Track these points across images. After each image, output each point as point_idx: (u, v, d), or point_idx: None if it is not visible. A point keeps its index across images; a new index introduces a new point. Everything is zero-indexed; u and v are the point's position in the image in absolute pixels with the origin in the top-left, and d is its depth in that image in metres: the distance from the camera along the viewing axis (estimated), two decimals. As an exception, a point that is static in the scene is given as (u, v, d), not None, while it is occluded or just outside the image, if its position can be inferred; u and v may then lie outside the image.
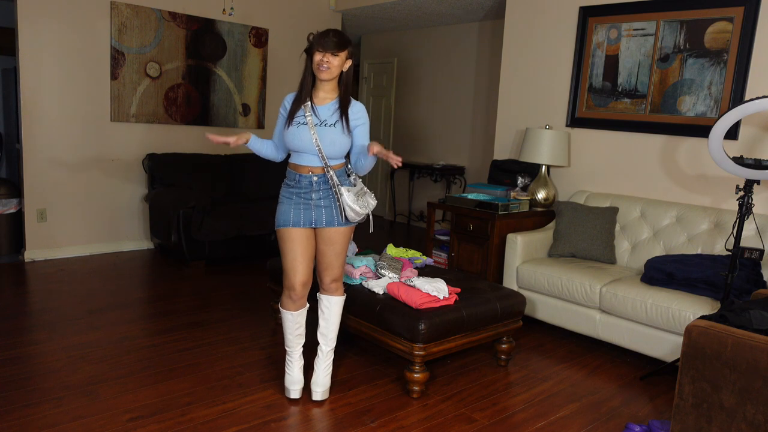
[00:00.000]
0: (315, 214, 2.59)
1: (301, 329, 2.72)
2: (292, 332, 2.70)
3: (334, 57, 2.49)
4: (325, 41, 2.47)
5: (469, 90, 6.69)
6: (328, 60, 2.48)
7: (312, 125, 2.52)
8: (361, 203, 2.57)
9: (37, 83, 4.71)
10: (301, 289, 2.63)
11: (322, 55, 2.48)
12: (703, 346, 1.94)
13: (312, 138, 2.52)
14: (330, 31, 2.51)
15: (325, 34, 2.49)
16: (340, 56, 2.50)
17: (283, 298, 2.70)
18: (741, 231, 2.98)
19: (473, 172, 6.67)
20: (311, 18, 6.24)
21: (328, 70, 2.50)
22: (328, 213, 2.59)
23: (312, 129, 2.52)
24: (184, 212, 4.65)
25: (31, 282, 4.33)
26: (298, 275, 2.61)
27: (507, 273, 3.91)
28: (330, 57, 2.48)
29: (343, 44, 2.49)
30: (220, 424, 2.48)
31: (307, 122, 2.53)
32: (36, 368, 2.90)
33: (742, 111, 2.84)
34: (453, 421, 2.63)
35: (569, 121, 4.48)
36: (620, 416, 2.77)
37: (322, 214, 2.59)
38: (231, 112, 5.84)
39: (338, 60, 2.50)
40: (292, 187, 2.61)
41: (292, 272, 2.62)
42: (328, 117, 2.55)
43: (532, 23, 4.71)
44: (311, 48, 2.51)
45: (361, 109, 2.63)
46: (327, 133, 2.53)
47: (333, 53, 2.48)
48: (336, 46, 2.47)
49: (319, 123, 2.54)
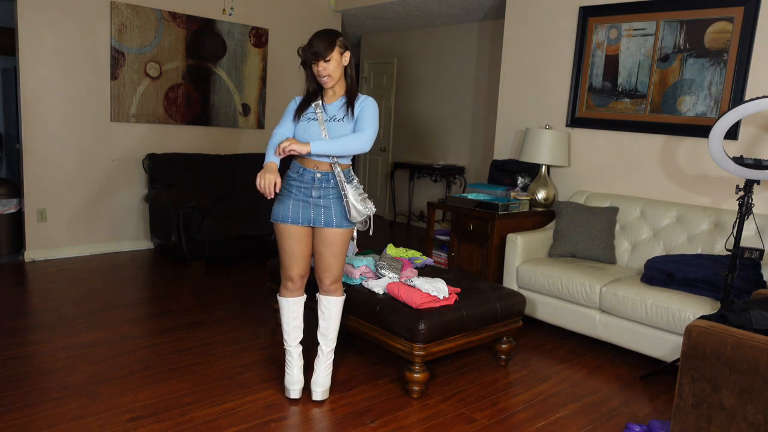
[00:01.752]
0: (314, 213, 2.58)
1: (297, 321, 2.72)
2: (289, 322, 2.71)
3: (328, 62, 2.48)
4: (312, 53, 2.46)
5: (469, 90, 6.69)
6: (324, 67, 2.48)
7: (322, 121, 2.54)
8: (364, 204, 2.57)
9: (37, 83, 4.71)
10: (298, 280, 2.69)
11: (316, 66, 2.49)
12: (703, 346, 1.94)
13: (321, 133, 2.52)
14: (312, 39, 2.49)
15: (309, 46, 2.47)
16: (332, 58, 2.48)
17: (280, 288, 2.74)
18: (741, 231, 2.98)
19: (473, 172, 6.67)
20: (311, 18, 6.24)
21: (330, 78, 2.51)
22: (327, 213, 2.58)
23: (322, 125, 2.53)
24: (184, 212, 4.65)
25: (31, 282, 4.33)
26: (295, 269, 2.66)
27: (507, 273, 3.91)
28: (324, 65, 2.48)
29: (329, 46, 2.47)
30: (220, 424, 2.48)
31: (317, 118, 2.55)
32: (36, 368, 2.90)
33: (742, 111, 2.84)
34: (453, 421, 2.63)
35: (569, 121, 4.48)
36: (620, 416, 2.77)
37: (321, 213, 2.58)
38: (231, 112, 5.84)
39: (333, 63, 2.49)
40: (294, 180, 2.60)
41: (290, 266, 2.66)
42: (337, 112, 2.56)
43: (532, 23, 4.71)
44: (306, 62, 2.52)
45: (369, 102, 2.58)
46: (336, 128, 2.53)
47: (325, 60, 2.47)
48: (324, 53, 2.46)
49: (329, 119, 2.55)
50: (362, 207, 2.55)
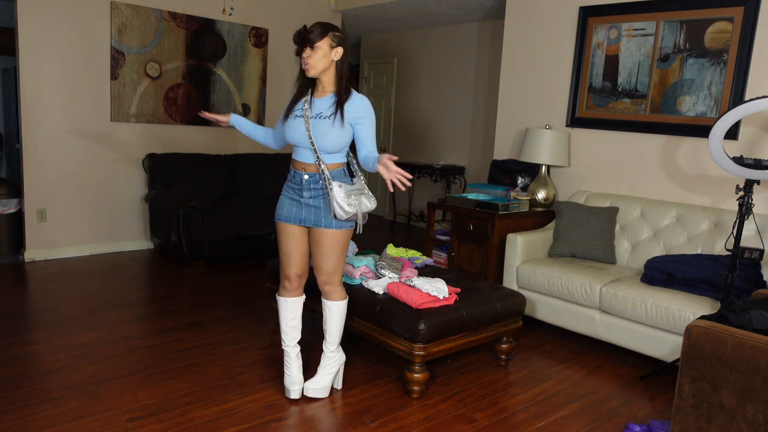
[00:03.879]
0: (305, 212, 2.59)
1: (295, 321, 2.72)
2: (287, 322, 2.71)
3: (314, 51, 2.42)
4: (298, 38, 2.42)
5: (469, 90, 6.69)
6: (309, 54, 2.42)
7: (307, 118, 2.49)
8: (351, 202, 2.48)
9: (37, 83, 4.70)
10: (296, 279, 2.69)
11: (302, 52, 2.45)
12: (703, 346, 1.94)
13: (305, 130, 2.49)
14: (305, 25, 2.44)
15: (298, 31, 2.42)
16: (320, 47, 2.42)
17: (279, 287, 2.75)
18: (741, 231, 2.98)
19: (473, 172, 6.67)
20: (311, 18, 6.24)
21: (310, 66, 2.44)
22: (316, 213, 2.57)
23: (307, 122, 2.48)
24: (184, 212, 4.65)
25: (31, 282, 4.33)
26: (292, 267, 2.68)
27: (507, 273, 3.91)
28: (309, 51, 2.42)
29: (319, 34, 2.41)
30: (220, 424, 2.48)
31: (303, 115, 2.51)
32: (36, 368, 2.90)
33: (742, 111, 2.84)
34: (453, 421, 2.63)
35: (569, 121, 4.48)
36: (620, 416, 2.77)
37: (311, 213, 2.58)
38: (231, 112, 5.84)
39: (319, 52, 2.42)
40: (289, 181, 2.65)
41: (287, 264, 2.68)
42: (324, 110, 2.50)
43: (532, 23, 4.71)
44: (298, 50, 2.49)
45: (362, 102, 2.53)
46: (320, 126, 2.48)
47: (310, 47, 2.41)
48: (310, 39, 2.40)
49: (314, 115, 2.50)
50: (348, 205, 2.47)
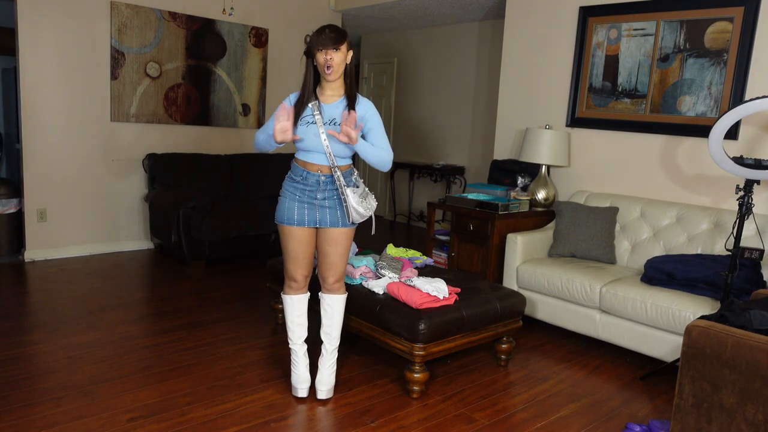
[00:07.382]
0: (320, 214, 2.59)
1: (302, 318, 2.73)
2: (293, 320, 2.72)
3: (337, 52, 2.45)
4: (324, 39, 2.43)
5: (469, 90, 6.69)
6: (332, 57, 2.44)
7: (320, 124, 2.51)
8: (365, 205, 2.57)
9: (37, 83, 4.70)
10: (302, 280, 2.70)
11: (324, 53, 2.44)
12: (703, 346, 1.94)
13: (321, 137, 2.50)
14: (325, 27, 2.47)
15: (321, 32, 2.45)
16: (341, 50, 2.46)
17: (284, 287, 2.75)
18: (741, 231, 2.98)
19: (473, 172, 6.67)
20: (311, 18, 6.24)
21: (334, 69, 2.46)
22: (333, 214, 2.59)
23: (321, 127, 2.50)
24: (184, 212, 4.65)
25: (31, 282, 4.33)
26: (300, 269, 2.68)
27: (507, 273, 3.91)
28: (333, 53, 2.44)
29: (341, 37, 2.45)
30: (220, 424, 2.48)
31: (315, 121, 2.52)
32: (36, 368, 2.90)
33: (742, 111, 2.84)
34: (453, 421, 2.63)
35: (569, 121, 4.48)
36: (620, 416, 2.77)
37: (327, 214, 2.59)
38: (231, 112, 5.84)
39: (341, 55, 2.46)
40: (298, 182, 2.59)
41: (294, 267, 2.68)
42: (337, 116, 2.53)
43: (532, 23, 4.71)
44: (311, 50, 2.48)
45: (368, 106, 2.59)
46: None
47: (335, 48, 2.44)
48: (335, 42, 2.43)
49: (327, 122, 2.53)
50: (363, 209, 2.56)
